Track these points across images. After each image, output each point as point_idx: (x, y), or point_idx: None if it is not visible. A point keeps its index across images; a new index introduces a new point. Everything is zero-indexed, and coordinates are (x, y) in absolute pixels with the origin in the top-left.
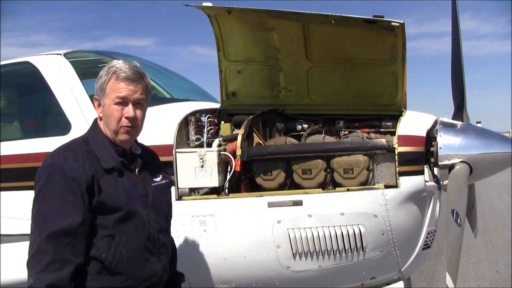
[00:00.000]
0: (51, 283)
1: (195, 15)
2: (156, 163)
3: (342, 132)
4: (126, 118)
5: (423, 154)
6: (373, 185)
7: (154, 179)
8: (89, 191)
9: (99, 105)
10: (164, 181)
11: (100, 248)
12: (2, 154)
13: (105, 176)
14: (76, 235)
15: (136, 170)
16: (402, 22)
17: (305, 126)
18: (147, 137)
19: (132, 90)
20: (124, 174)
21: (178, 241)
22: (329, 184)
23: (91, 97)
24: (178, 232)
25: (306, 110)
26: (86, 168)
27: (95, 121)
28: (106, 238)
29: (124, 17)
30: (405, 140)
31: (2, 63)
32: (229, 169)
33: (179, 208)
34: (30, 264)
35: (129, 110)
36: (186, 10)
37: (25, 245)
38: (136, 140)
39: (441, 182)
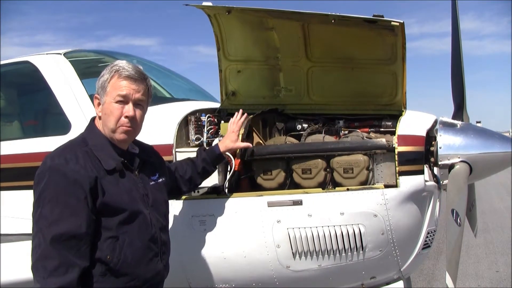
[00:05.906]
0: (60, 287)
1: (198, 15)
2: (151, 162)
3: (342, 131)
4: (126, 117)
5: (423, 154)
6: (373, 184)
7: (152, 178)
8: (93, 193)
9: (99, 104)
10: (160, 179)
11: (104, 250)
12: (2, 154)
13: (107, 177)
14: (81, 238)
15: (135, 169)
16: (402, 21)
17: (305, 125)
18: (147, 137)
19: (134, 89)
20: (125, 175)
21: (178, 241)
22: (329, 183)
23: (91, 97)
24: (178, 232)
25: (306, 110)
26: (88, 170)
27: (92, 121)
28: (109, 240)
29: (128, 17)
30: (405, 139)
31: (2, 62)
32: (229, 169)
33: (179, 208)
34: (35, 269)
35: (130, 109)
36: (189, 10)
37: (25, 245)
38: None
39: (441, 182)
